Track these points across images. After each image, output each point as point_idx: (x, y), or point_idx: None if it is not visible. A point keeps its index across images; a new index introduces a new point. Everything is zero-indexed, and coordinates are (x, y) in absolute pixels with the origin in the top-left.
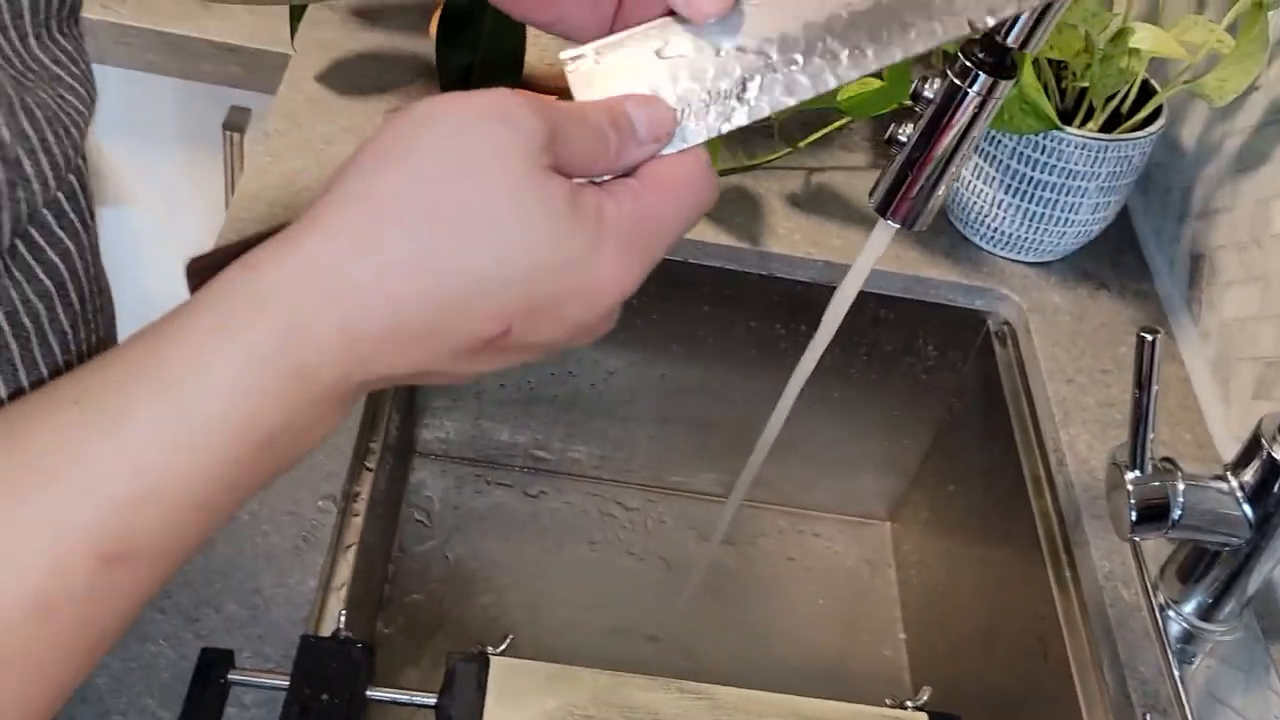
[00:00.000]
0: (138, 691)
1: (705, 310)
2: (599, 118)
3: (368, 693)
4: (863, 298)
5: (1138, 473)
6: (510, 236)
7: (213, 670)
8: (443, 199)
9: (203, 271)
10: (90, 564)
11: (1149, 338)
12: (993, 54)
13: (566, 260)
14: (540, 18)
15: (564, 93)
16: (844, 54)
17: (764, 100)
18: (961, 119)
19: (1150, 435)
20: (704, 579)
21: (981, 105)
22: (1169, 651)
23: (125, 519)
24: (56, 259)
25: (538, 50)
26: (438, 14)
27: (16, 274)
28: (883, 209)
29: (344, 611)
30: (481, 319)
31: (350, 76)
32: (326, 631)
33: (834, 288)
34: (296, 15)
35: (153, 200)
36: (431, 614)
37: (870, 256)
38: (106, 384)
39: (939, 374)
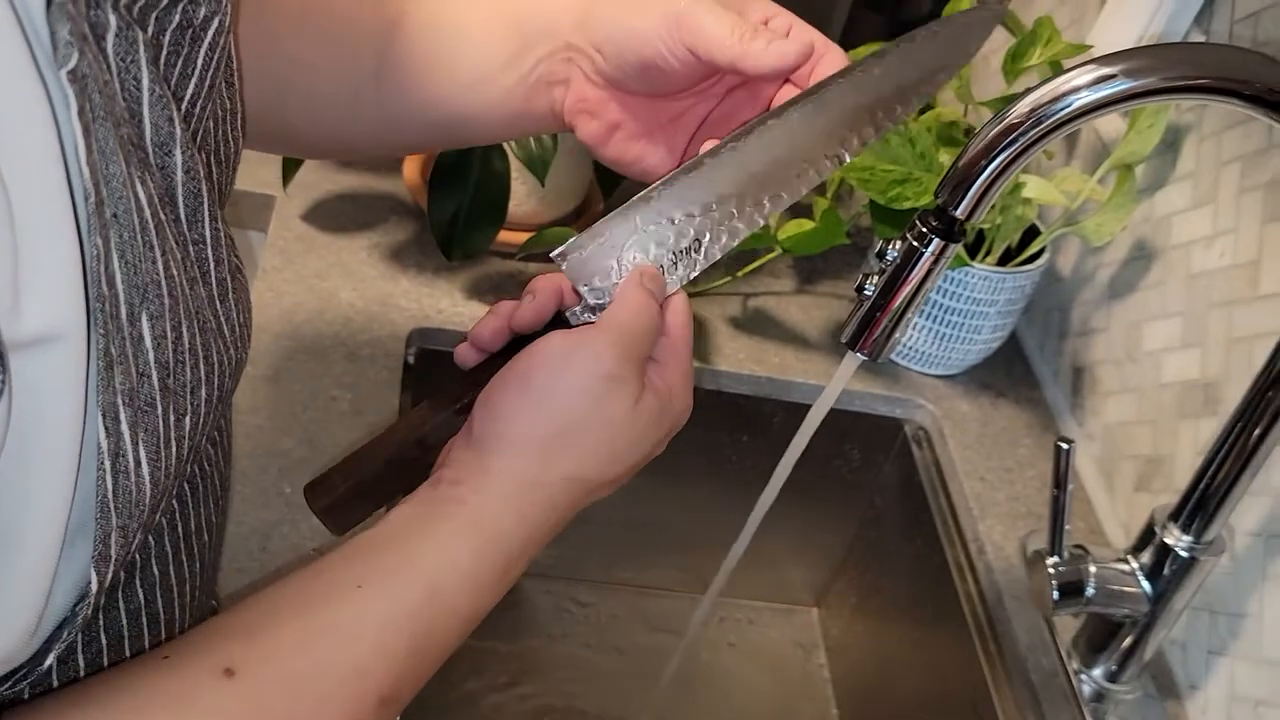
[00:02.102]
0: None
1: None
2: (651, 319)
3: None
4: (796, 409)
5: (1057, 558)
6: (632, 455)
7: None
8: (583, 439)
9: (329, 495)
10: (375, 706)
11: (1065, 447)
12: (944, 222)
13: (658, 436)
14: (623, 158)
15: (535, 229)
16: (765, 199)
17: (715, 248)
18: (917, 274)
19: (1067, 527)
20: (649, 666)
21: (934, 263)
22: (1084, 710)
23: (399, 671)
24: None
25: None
26: (411, 157)
27: (224, 426)
28: (852, 344)
29: None
30: (606, 490)
31: (332, 216)
32: None
33: (774, 400)
34: (292, 164)
35: None
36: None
37: (840, 381)
38: (382, 572)
39: (861, 474)
